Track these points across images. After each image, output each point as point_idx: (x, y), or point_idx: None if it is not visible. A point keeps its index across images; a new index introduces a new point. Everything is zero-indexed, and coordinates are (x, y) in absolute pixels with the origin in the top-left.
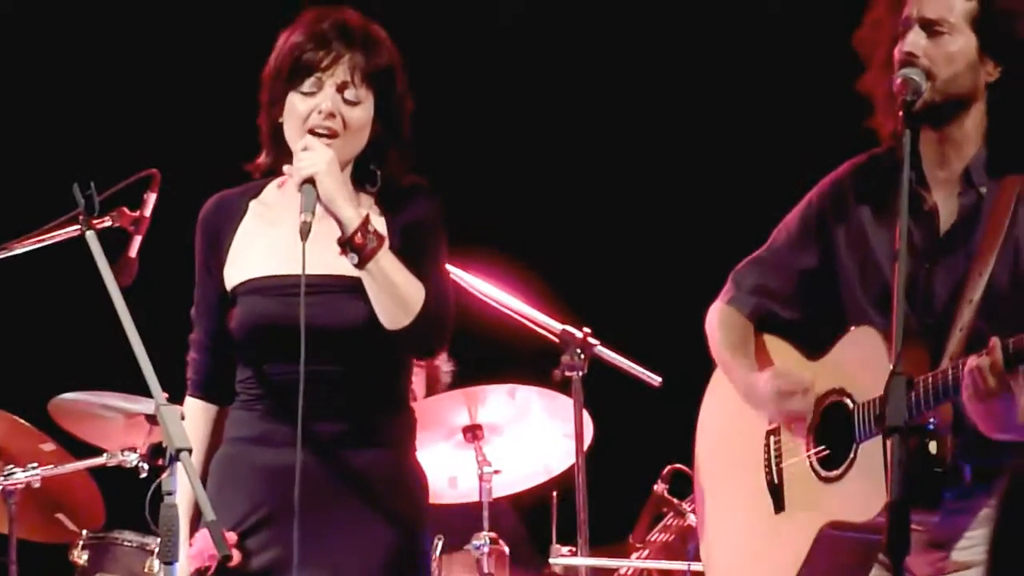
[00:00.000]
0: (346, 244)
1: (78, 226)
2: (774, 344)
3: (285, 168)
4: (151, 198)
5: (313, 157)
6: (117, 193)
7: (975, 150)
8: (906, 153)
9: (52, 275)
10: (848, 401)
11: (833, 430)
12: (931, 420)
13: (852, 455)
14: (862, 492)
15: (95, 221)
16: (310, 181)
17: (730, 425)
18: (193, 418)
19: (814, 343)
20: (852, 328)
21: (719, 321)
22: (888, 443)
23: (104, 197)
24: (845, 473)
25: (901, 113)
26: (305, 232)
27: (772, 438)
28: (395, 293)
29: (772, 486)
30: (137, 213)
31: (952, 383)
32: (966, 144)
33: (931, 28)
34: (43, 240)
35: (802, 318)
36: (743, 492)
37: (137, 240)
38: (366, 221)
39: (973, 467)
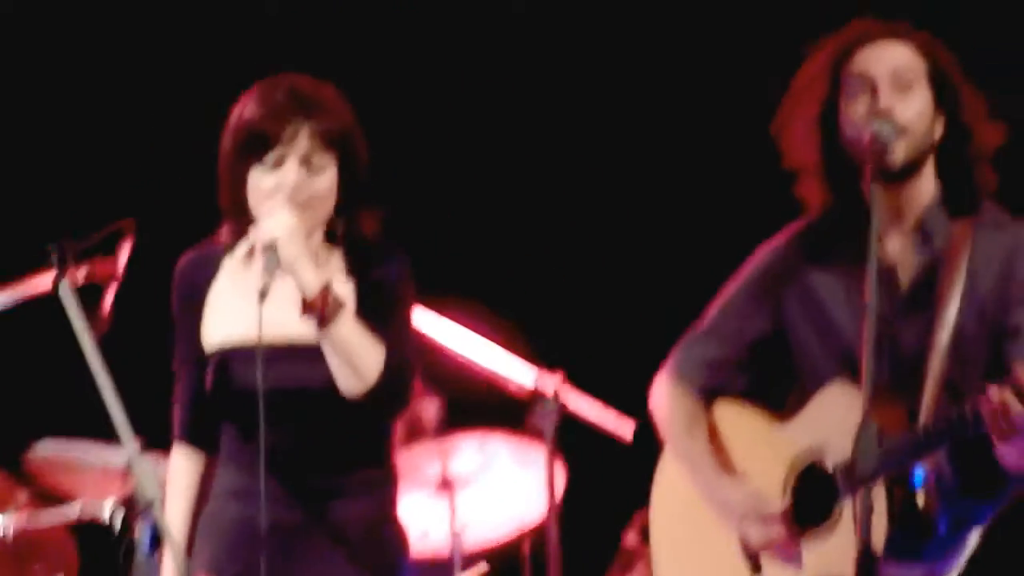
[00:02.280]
0: (306, 309)
1: (52, 278)
2: (734, 411)
3: (250, 232)
4: (125, 249)
5: (275, 223)
6: (91, 245)
7: (928, 203)
8: (874, 208)
9: (27, 325)
10: (826, 460)
11: (813, 489)
12: (917, 472)
13: (834, 513)
14: (845, 548)
15: (69, 273)
16: (272, 246)
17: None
18: (179, 469)
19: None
20: (826, 386)
21: (671, 402)
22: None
23: (78, 249)
24: (827, 531)
25: (874, 168)
26: (263, 296)
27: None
28: (352, 360)
29: (747, 547)
30: (111, 264)
31: (972, 420)
32: (920, 198)
33: (899, 85)
34: (18, 292)
35: (752, 386)
36: (714, 555)
37: (111, 291)
38: (327, 286)
39: (948, 519)
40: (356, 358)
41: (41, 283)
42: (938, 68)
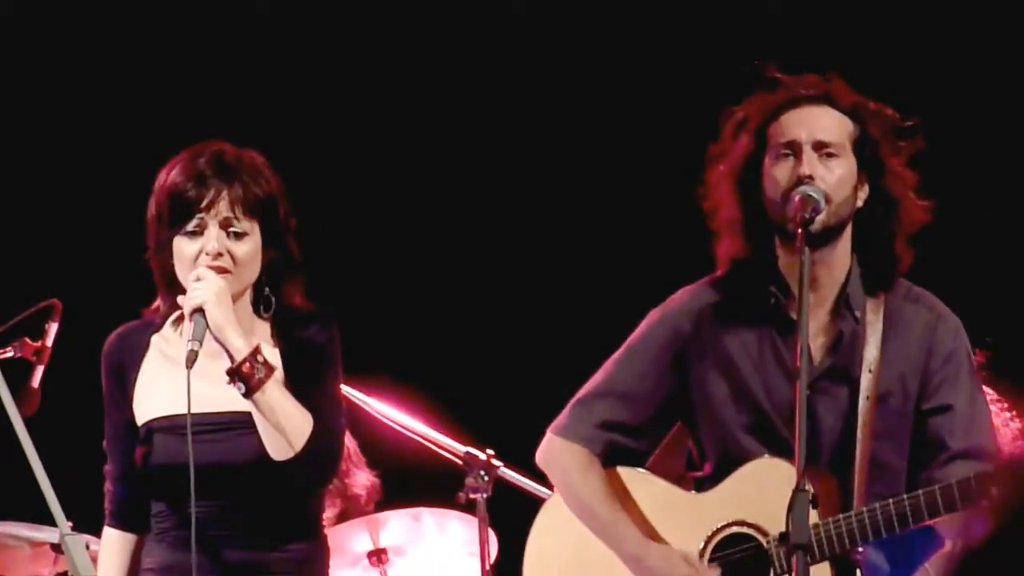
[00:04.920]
0: (234, 374)
1: None
2: (636, 479)
3: (178, 299)
4: (52, 328)
5: (203, 287)
6: (18, 324)
7: (846, 273)
8: (804, 273)
9: None
10: (755, 533)
11: (737, 563)
12: (859, 552)
13: None
14: None
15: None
16: (200, 311)
17: (580, 561)
18: (110, 547)
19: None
20: (756, 459)
21: (573, 463)
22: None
23: (5, 328)
24: None
25: (800, 231)
26: (191, 360)
27: None
28: (281, 425)
29: None
30: (39, 343)
31: (953, 499)
32: (838, 267)
33: (824, 151)
34: None
35: (650, 448)
36: None
37: (39, 370)
38: (255, 351)
39: None
40: (284, 423)
41: None
42: (866, 136)
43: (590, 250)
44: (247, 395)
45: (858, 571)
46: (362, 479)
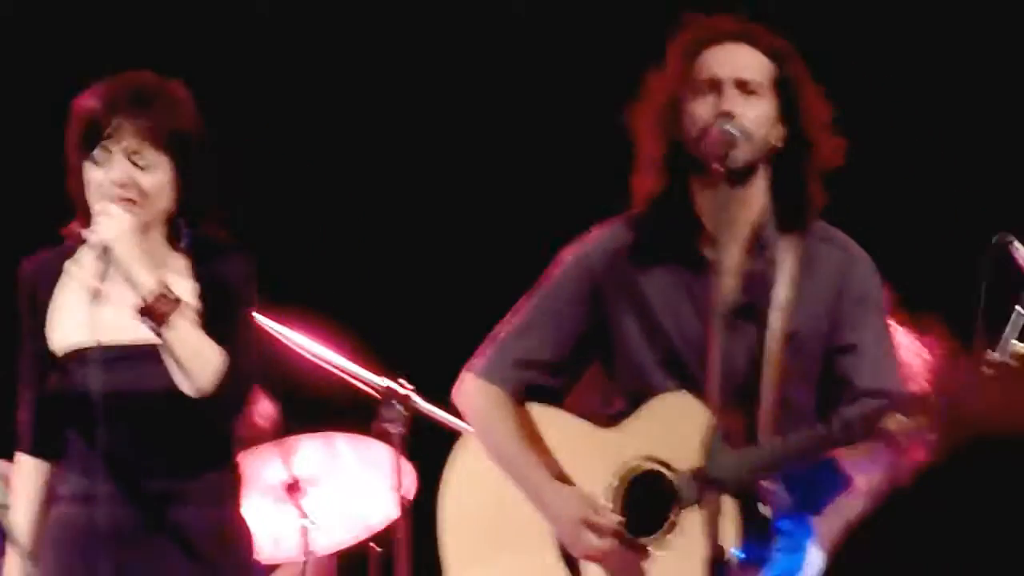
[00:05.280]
0: (141, 310)
1: None
2: (550, 415)
3: (83, 233)
4: None
5: (107, 223)
6: None
7: (760, 213)
8: (724, 209)
9: None
10: (663, 468)
11: (643, 498)
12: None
13: (668, 522)
14: (691, 556)
15: None
16: (105, 246)
17: (498, 494)
18: (23, 474)
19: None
20: (659, 394)
21: (482, 398)
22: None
23: None
24: (662, 540)
25: (719, 167)
26: (95, 297)
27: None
28: (190, 360)
29: (567, 559)
30: None
31: (843, 437)
32: (753, 206)
33: (745, 88)
34: None
35: (567, 386)
36: (525, 568)
37: None
38: (162, 286)
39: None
40: (193, 359)
41: None
42: (785, 75)
43: (511, 187)
44: (155, 331)
45: (762, 506)
46: (264, 408)
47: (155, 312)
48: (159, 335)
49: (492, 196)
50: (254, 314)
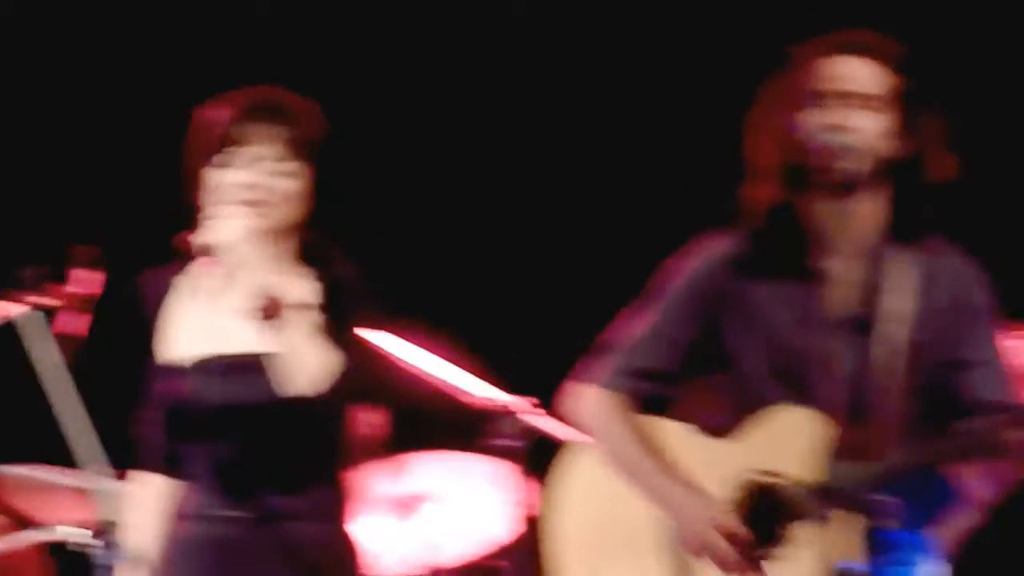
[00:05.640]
0: (253, 309)
1: (16, 304)
2: (664, 427)
3: (200, 233)
4: (92, 276)
5: (225, 223)
6: (53, 270)
7: (877, 225)
8: (835, 221)
9: None
10: (780, 481)
11: (761, 511)
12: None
13: (783, 536)
14: (803, 571)
15: (31, 299)
16: (222, 247)
17: (610, 504)
18: (143, 492)
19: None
20: (774, 407)
21: (607, 409)
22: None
23: (45, 273)
24: (778, 553)
25: (827, 179)
26: (217, 297)
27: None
28: (300, 359)
29: (680, 568)
30: (78, 291)
31: (971, 446)
32: (869, 218)
33: (857, 102)
34: None
35: (677, 396)
36: (637, 563)
37: (77, 318)
38: (276, 288)
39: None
40: (304, 359)
41: (7, 308)
42: (903, 88)
43: (622, 201)
44: (268, 331)
45: (879, 518)
46: (372, 419)
47: (268, 310)
48: (272, 336)
49: (599, 207)
50: (369, 327)
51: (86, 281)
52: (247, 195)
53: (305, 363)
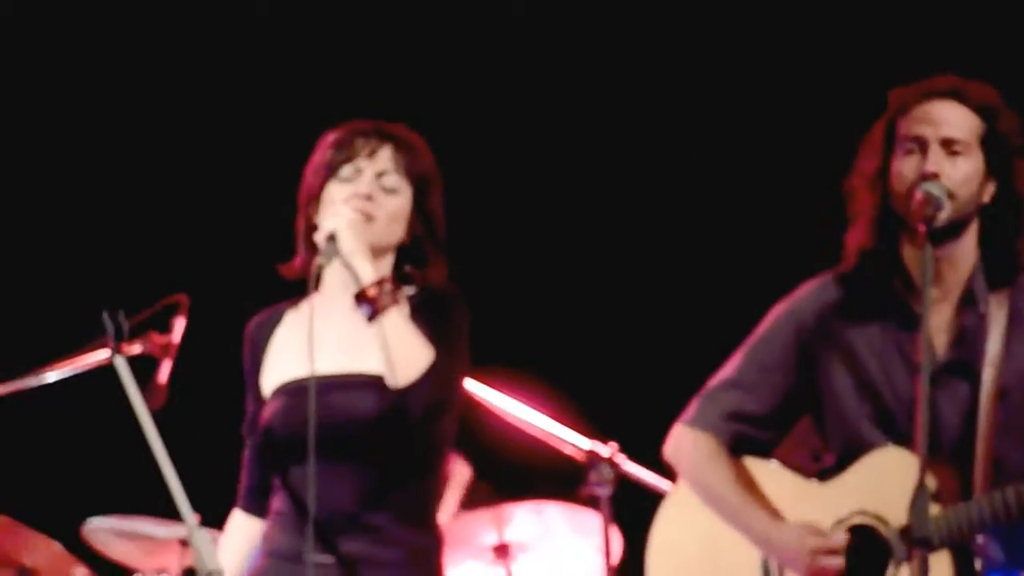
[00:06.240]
0: (358, 297)
1: (108, 352)
2: (762, 469)
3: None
4: (180, 323)
5: (338, 217)
6: (146, 319)
7: (970, 269)
8: (927, 269)
9: (84, 401)
10: (877, 524)
11: (861, 551)
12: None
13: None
14: None
15: (124, 347)
16: (332, 238)
17: (706, 550)
18: (236, 531)
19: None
20: (875, 449)
21: (701, 449)
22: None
23: (133, 323)
24: None
25: (923, 228)
26: (316, 278)
27: (771, 562)
28: (401, 350)
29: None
30: (166, 338)
31: None
32: (962, 262)
33: (950, 148)
34: (74, 366)
35: (776, 439)
36: None
37: (166, 365)
38: (384, 278)
39: None
40: (404, 349)
41: (96, 356)
42: (994, 132)
43: (716, 245)
44: (371, 318)
45: (976, 560)
46: (458, 467)
47: (373, 299)
48: (375, 323)
49: (699, 254)
50: (462, 347)
51: (178, 330)
52: (363, 205)
53: (407, 349)
